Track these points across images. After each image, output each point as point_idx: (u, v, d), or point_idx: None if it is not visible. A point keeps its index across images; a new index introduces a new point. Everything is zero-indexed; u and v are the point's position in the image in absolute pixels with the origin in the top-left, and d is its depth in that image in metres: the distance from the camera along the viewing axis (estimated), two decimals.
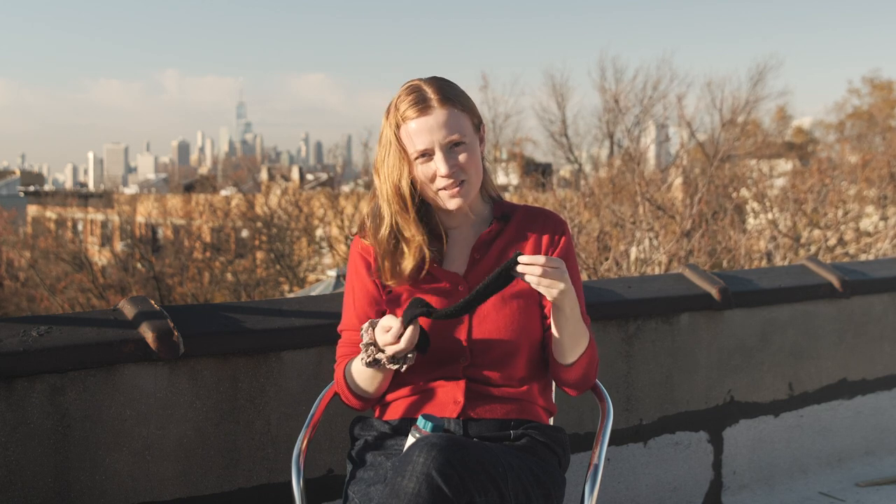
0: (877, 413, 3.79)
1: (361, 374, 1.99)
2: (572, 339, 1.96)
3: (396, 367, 1.91)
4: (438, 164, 1.96)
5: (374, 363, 1.91)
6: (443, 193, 1.99)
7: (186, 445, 2.32)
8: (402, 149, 1.98)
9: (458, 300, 1.93)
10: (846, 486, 3.52)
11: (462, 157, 1.98)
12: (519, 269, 1.83)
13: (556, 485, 1.96)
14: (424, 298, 1.92)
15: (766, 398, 3.43)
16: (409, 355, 1.90)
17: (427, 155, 1.97)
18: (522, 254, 1.84)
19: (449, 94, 1.98)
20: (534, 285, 1.84)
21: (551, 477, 1.95)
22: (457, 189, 1.98)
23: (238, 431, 2.39)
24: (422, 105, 1.96)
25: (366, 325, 1.92)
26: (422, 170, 1.98)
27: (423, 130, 1.96)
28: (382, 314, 2.04)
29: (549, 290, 1.84)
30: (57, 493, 2.17)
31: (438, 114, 1.96)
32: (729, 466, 3.33)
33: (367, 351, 1.91)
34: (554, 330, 1.96)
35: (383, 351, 1.89)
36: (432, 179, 1.99)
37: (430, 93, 1.97)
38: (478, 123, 2.05)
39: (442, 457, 1.67)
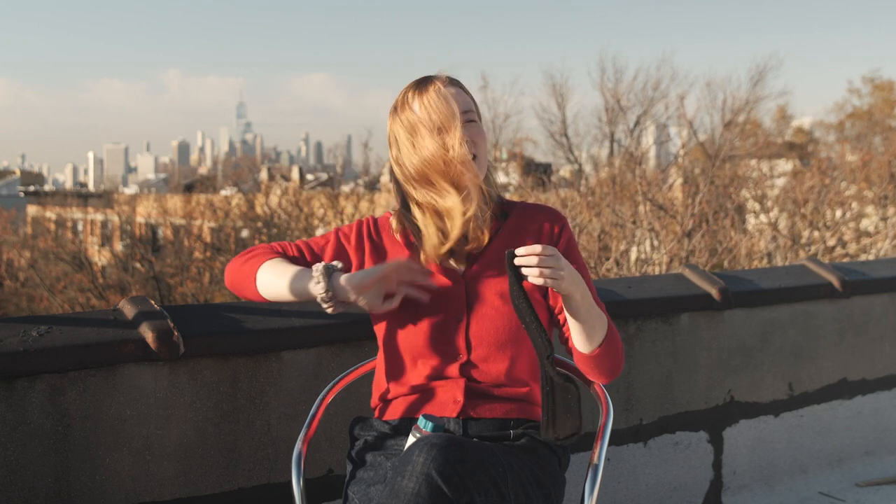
0: (877, 413, 3.79)
1: (282, 275, 1.94)
2: (590, 324, 1.92)
3: (322, 286, 1.88)
4: (457, 133, 1.91)
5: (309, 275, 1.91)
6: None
7: (186, 445, 2.32)
8: (415, 129, 1.95)
9: (455, 297, 2.00)
10: (846, 486, 3.52)
11: (474, 133, 1.98)
12: (516, 261, 1.80)
13: (556, 485, 1.96)
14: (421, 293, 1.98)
15: (766, 398, 3.43)
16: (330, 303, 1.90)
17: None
18: (513, 251, 1.81)
19: (454, 80, 2.02)
20: (535, 277, 1.79)
21: (551, 477, 1.95)
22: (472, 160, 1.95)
23: (238, 431, 2.39)
24: (425, 84, 1.98)
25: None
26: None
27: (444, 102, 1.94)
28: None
29: (552, 279, 1.80)
30: (57, 493, 2.17)
31: (453, 90, 1.98)
32: (729, 466, 3.33)
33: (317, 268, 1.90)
34: (570, 321, 1.93)
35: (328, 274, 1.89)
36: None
37: (435, 78, 2.00)
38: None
39: (442, 457, 1.66)
